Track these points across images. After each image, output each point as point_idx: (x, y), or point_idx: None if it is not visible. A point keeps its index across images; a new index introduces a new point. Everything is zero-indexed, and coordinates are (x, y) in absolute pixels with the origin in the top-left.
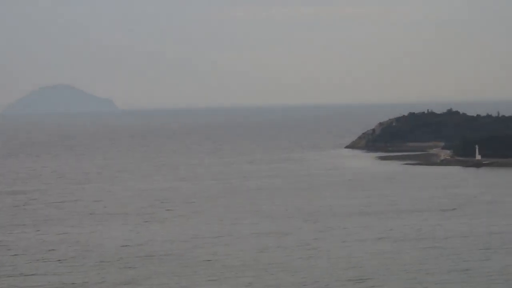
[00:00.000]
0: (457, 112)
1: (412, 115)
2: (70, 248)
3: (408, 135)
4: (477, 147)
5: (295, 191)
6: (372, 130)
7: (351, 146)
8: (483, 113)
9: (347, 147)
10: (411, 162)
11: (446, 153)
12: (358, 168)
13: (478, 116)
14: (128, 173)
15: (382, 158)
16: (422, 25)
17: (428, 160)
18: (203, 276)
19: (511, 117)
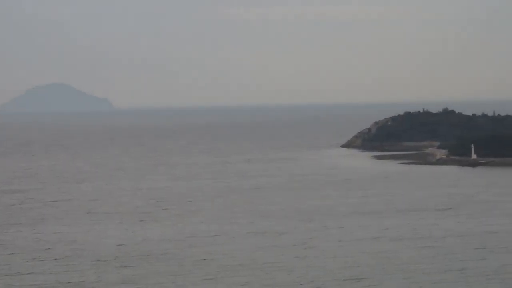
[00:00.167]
0: (453, 112)
1: (408, 115)
2: (67, 247)
3: (404, 134)
4: (473, 146)
5: (291, 191)
6: (368, 129)
7: (347, 145)
8: (479, 113)
9: (343, 146)
10: (407, 161)
11: (441, 153)
12: (354, 168)
13: (473, 115)
14: (125, 172)
15: (378, 158)
16: (417, 25)
17: (423, 160)
18: (199, 276)
19: (507, 116)
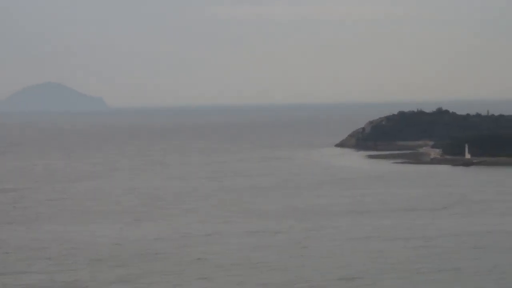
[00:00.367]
0: (447, 111)
1: (402, 114)
2: (61, 246)
3: (398, 134)
4: (467, 146)
5: (286, 190)
6: (362, 129)
7: (341, 145)
8: (473, 112)
9: (337, 145)
10: (401, 160)
11: (435, 152)
12: (348, 167)
13: (467, 115)
14: (119, 171)
15: (372, 157)
16: (412, 23)
17: (417, 159)
18: (194, 275)
19: (501, 116)
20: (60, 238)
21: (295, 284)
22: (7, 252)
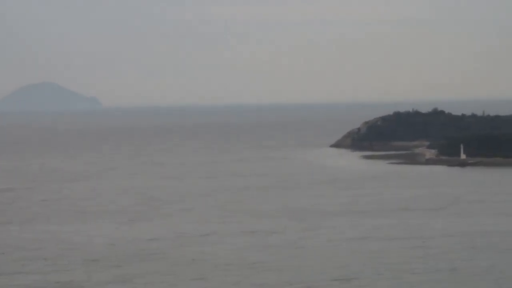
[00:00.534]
0: (442, 112)
1: (397, 114)
2: (56, 246)
3: (394, 134)
4: (462, 146)
5: (281, 190)
6: (358, 129)
7: (336, 145)
8: (468, 113)
9: (332, 146)
10: (396, 161)
11: (431, 153)
12: (344, 167)
13: (463, 115)
14: (114, 171)
15: (367, 157)
16: (407, 23)
17: (413, 159)
18: (190, 275)
19: (496, 116)
20: (55, 238)
21: (291, 284)
22: (2, 253)
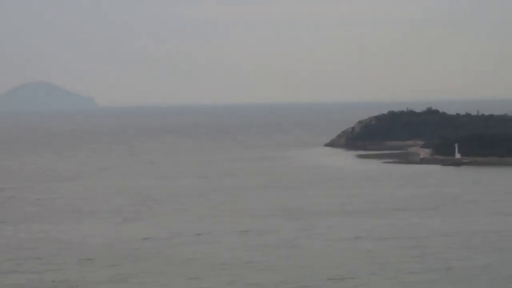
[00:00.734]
0: (437, 111)
1: (391, 114)
2: (51, 246)
3: (388, 133)
4: (457, 145)
5: (276, 189)
6: (352, 128)
7: (331, 144)
8: (463, 112)
9: (326, 145)
10: (391, 160)
11: (425, 152)
12: (338, 167)
13: (457, 115)
14: (109, 171)
15: (362, 157)
16: (401, 23)
17: (407, 159)
18: (184, 275)
19: (491, 116)
20: (50, 238)
21: (286, 284)
22: None
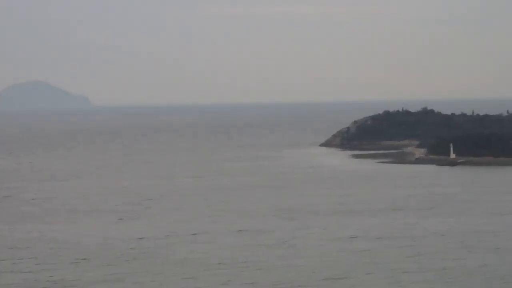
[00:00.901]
0: (432, 111)
1: (387, 114)
2: (47, 245)
3: (383, 133)
4: (452, 145)
5: (272, 189)
6: (347, 128)
7: (326, 144)
8: (458, 112)
9: (321, 145)
10: (386, 160)
11: (420, 152)
12: (333, 166)
13: (452, 115)
14: (104, 170)
15: (357, 156)
16: (394, 23)
17: (402, 159)
18: (180, 274)
19: (486, 116)
20: (46, 237)
21: (281, 283)
22: None
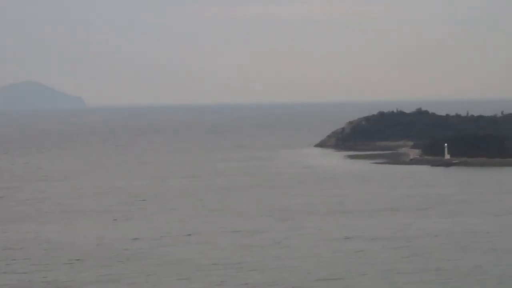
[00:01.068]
0: (426, 112)
1: (381, 114)
2: (40, 246)
3: (378, 134)
4: (446, 146)
5: (266, 190)
6: (342, 129)
7: (321, 145)
8: (452, 113)
9: (316, 145)
10: (380, 161)
11: (415, 152)
12: (328, 167)
13: (447, 115)
14: (99, 171)
15: (351, 157)
16: (388, 23)
17: (397, 159)
18: (174, 275)
19: (480, 116)
20: (39, 238)
21: (275, 284)
22: None
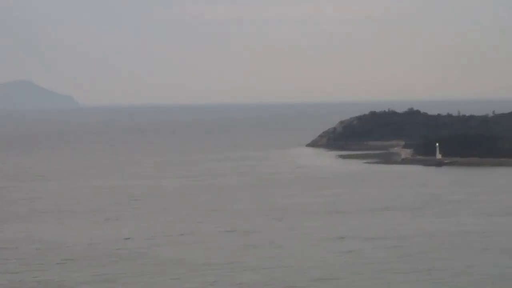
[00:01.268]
0: (418, 111)
1: (373, 114)
2: (33, 246)
3: (369, 133)
4: (438, 146)
5: (259, 190)
6: (333, 129)
7: (312, 145)
8: (444, 113)
9: (308, 145)
10: (372, 160)
11: (407, 152)
12: (320, 167)
13: (439, 115)
14: (92, 170)
15: (343, 157)
16: (388, 23)
17: (389, 159)
18: (167, 275)
19: (471, 116)
20: (31, 238)
21: (269, 284)
22: None
